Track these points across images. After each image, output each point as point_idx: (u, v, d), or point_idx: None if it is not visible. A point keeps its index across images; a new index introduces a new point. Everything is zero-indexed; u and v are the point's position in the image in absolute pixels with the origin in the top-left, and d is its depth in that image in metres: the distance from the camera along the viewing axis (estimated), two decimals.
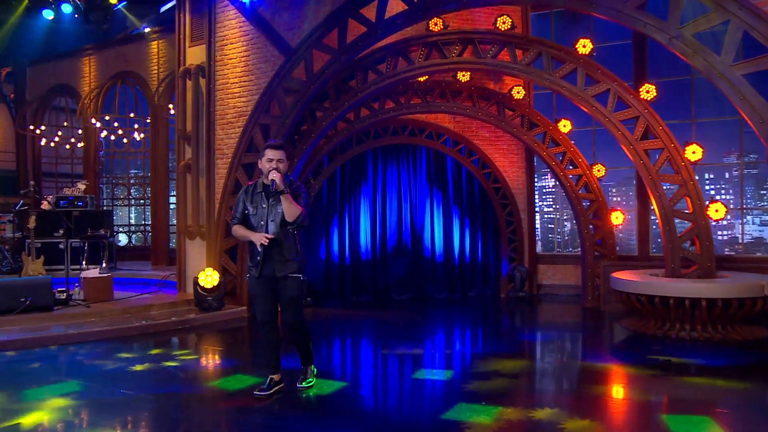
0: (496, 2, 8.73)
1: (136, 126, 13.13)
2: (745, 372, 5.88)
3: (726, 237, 9.97)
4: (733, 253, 9.54)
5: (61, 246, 11.11)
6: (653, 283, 7.42)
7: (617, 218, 9.50)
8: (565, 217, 11.31)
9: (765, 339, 7.10)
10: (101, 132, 13.00)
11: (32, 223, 9.53)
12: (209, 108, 9.37)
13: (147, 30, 13.26)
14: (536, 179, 11.09)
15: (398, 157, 10.79)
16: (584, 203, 9.65)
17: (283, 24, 9.04)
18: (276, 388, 5.01)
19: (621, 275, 7.99)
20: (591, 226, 9.63)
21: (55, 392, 5.18)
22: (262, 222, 4.82)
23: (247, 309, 8.77)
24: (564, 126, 9.77)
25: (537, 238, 11.05)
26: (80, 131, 14.00)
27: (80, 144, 14.02)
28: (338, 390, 5.25)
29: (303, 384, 5.16)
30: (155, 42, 12.92)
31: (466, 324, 8.93)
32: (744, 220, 9.67)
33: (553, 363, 6.60)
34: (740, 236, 9.64)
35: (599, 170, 9.68)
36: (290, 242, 4.84)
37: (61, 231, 11.07)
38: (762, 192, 10.08)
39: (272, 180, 4.70)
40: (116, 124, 12.86)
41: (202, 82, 9.44)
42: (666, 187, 7.92)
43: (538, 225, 11.22)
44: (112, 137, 13.18)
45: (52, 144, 14.20)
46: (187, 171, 9.54)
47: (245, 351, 7.10)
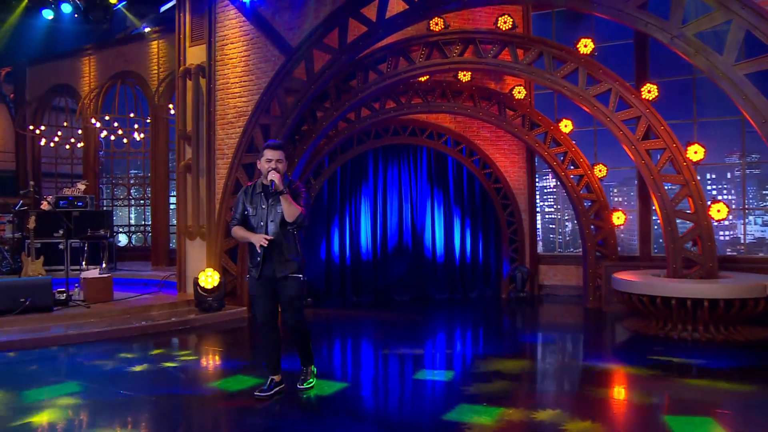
0: (497, 2, 8.70)
1: (136, 126, 13.11)
2: (748, 373, 5.85)
3: (728, 237, 9.93)
4: (735, 254, 9.51)
5: (61, 246, 11.10)
6: (655, 284, 7.40)
7: (619, 218, 9.49)
8: (567, 218, 11.28)
9: (767, 340, 7.07)
10: (101, 132, 12.98)
11: (32, 224, 9.51)
12: (209, 108, 9.36)
13: (147, 30, 13.25)
14: (537, 179, 11.06)
15: (399, 157, 10.77)
16: (585, 203, 9.64)
17: (284, 24, 9.03)
18: (276, 389, 5.01)
19: (623, 276, 7.97)
20: (592, 227, 9.61)
21: (55, 393, 5.17)
22: (262, 222, 4.80)
23: (248, 309, 8.76)
24: (565, 126, 9.75)
25: (538, 239, 11.03)
26: (80, 131, 14.00)
27: (80, 144, 14.02)
28: (339, 391, 5.24)
29: (304, 385, 5.14)
30: (155, 42, 12.91)
31: (467, 324, 8.91)
32: (746, 221, 9.64)
33: (555, 364, 6.58)
34: (742, 236, 9.62)
35: (601, 170, 9.66)
36: (290, 242, 4.82)
37: (61, 231, 11.07)
38: (764, 192, 10.05)
39: (271, 180, 4.68)
40: (116, 124, 12.84)
41: (203, 82, 9.43)
42: (668, 188, 7.90)
43: (539, 225, 11.19)
44: (112, 137, 13.17)
45: (52, 144, 14.20)
46: (188, 171, 9.53)
47: (246, 352, 7.08)
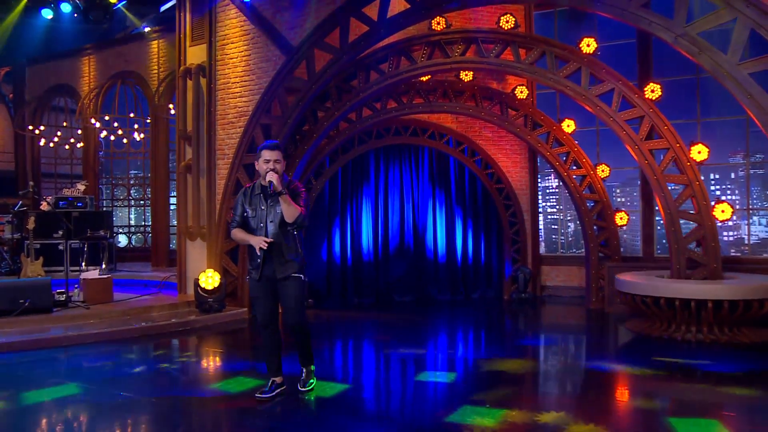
0: (499, 1, 8.66)
1: (136, 126, 13.08)
2: (753, 375, 5.81)
3: (732, 238, 9.90)
4: (740, 254, 9.47)
5: (61, 247, 11.08)
6: (658, 285, 7.35)
7: (622, 219, 9.45)
8: (569, 218, 11.23)
9: None
10: (101, 132, 12.95)
11: (31, 224, 9.47)
12: (210, 108, 9.32)
13: (147, 29, 13.22)
14: (539, 180, 11.02)
15: (400, 158, 10.72)
16: (588, 204, 9.58)
17: (285, 23, 9.00)
18: (278, 391, 4.98)
19: (626, 276, 7.93)
20: (595, 227, 9.57)
21: (55, 395, 5.15)
22: (261, 224, 4.77)
23: (248, 310, 8.73)
24: (568, 126, 9.70)
25: (540, 239, 10.98)
26: (80, 131, 13.98)
27: (80, 144, 14.00)
28: (340, 392, 5.21)
29: (306, 386, 5.10)
30: (155, 41, 12.88)
31: (469, 326, 8.86)
32: (750, 221, 9.59)
33: (558, 365, 6.54)
34: (746, 237, 9.57)
35: (603, 170, 9.62)
36: (290, 243, 4.79)
37: (61, 232, 11.05)
38: None
39: (270, 181, 4.65)
40: (116, 125, 12.81)
41: (203, 82, 9.39)
42: (671, 188, 7.86)
43: (542, 226, 11.15)
44: (112, 137, 13.15)
45: (52, 144, 14.19)
46: (188, 171, 9.50)
47: (246, 353, 7.03)
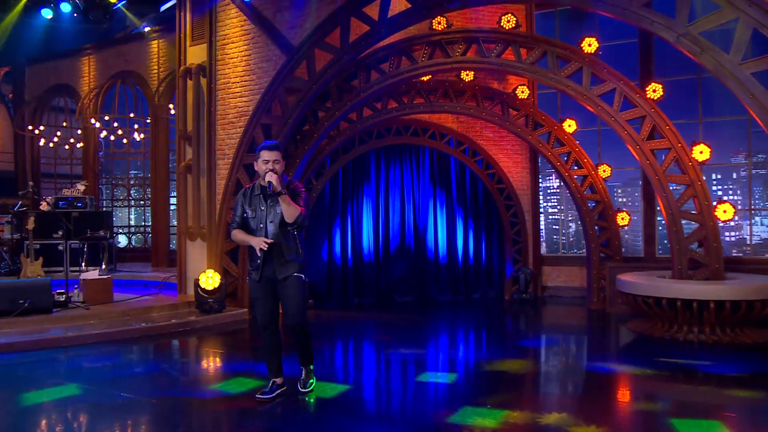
0: (500, 0, 8.64)
1: (136, 126, 13.07)
2: (755, 376, 5.78)
3: (734, 238, 9.88)
4: (741, 255, 9.45)
5: (60, 247, 11.08)
6: (660, 285, 7.33)
7: (623, 219, 9.43)
8: (570, 218, 11.22)
9: None
10: (101, 132, 12.93)
11: (31, 225, 9.44)
12: (210, 108, 9.30)
13: (147, 29, 13.19)
14: (541, 180, 11.00)
15: (401, 158, 10.69)
16: (589, 204, 9.56)
17: (285, 23, 8.97)
18: (278, 392, 4.96)
19: (627, 277, 7.90)
20: (596, 228, 9.54)
21: (55, 395, 5.13)
22: (261, 224, 4.76)
23: (249, 311, 8.70)
24: (569, 126, 9.68)
25: (541, 240, 10.96)
26: (79, 131, 13.97)
27: (79, 144, 13.99)
28: (341, 393, 5.19)
29: (306, 387, 5.07)
30: (155, 41, 12.86)
31: (470, 326, 8.83)
32: (752, 221, 9.57)
33: (559, 366, 6.52)
34: (748, 237, 9.55)
35: (605, 171, 9.59)
36: (290, 243, 4.77)
37: (60, 232, 11.04)
38: None
39: (269, 182, 4.63)
40: (116, 125, 12.80)
41: (203, 82, 9.37)
42: (673, 188, 7.83)
43: (543, 226, 11.13)
44: (112, 137, 13.13)
45: (51, 144, 14.18)
46: (188, 171, 9.47)
47: (247, 354, 7.02)
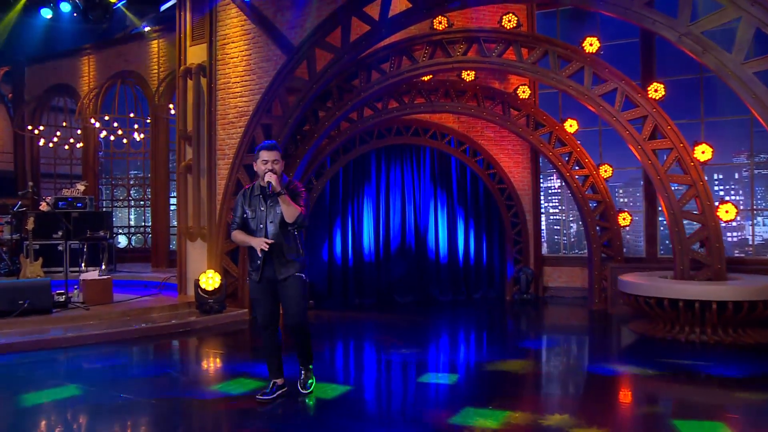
0: (501, 0, 8.61)
1: (136, 126, 13.04)
2: (757, 376, 5.76)
3: (736, 239, 9.86)
4: (743, 255, 9.42)
5: (60, 248, 11.07)
6: (662, 286, 7.30)
7: (624, 219, 9.41)
8: (571, 219, 11.19)
9: None
10: (100, 132, 12.92)
11: (30, 225, 9.41)
12: (210, 108, 9.28)
13: (147, 29, 13.15)
14: (542, 180, 10.97)
15: (402, 158, 10.66)
16: (591, 204, 9.53)
17: (286, 22, 8.95)
18: (279, 393, 4.94)
19: (629, 277, 7.87)
20: (598, 228, 9.51)
21: (54, 396, 5.11)
22: (261, 224, 4.73)
23: (249, 312, 8.68)
24: (570, 126, 9.65)
25: (542, 240, 10.93)
26: (79, 131, 13.96)
27: (79, 144, 13.97)
28: (342, 394, 5.17)
29: (306, 387, 5.05)
30: (155, 41, 12.84)
31: (471, 327, 8.81)
32: (754, 222, 9.55)
33: (561, 367, 6.51)
34: (750, 238, 9.53)
35: (606, 171, 9.56)
36: (291, 243, 4.74)
37: (60, 232, 11.03)
38: None
39: (268, 182, 4.61)
40: (116, 125, 12.77)
41: (203, 82, 9.35)
42: (675, 188, 7.80)
43: (544, 226, 11.09)
44: (112, 138, 13.11)
45: (51, 144, 14.18)
46: (188, 172, 9.45)
47: (247, 354, 6.99)
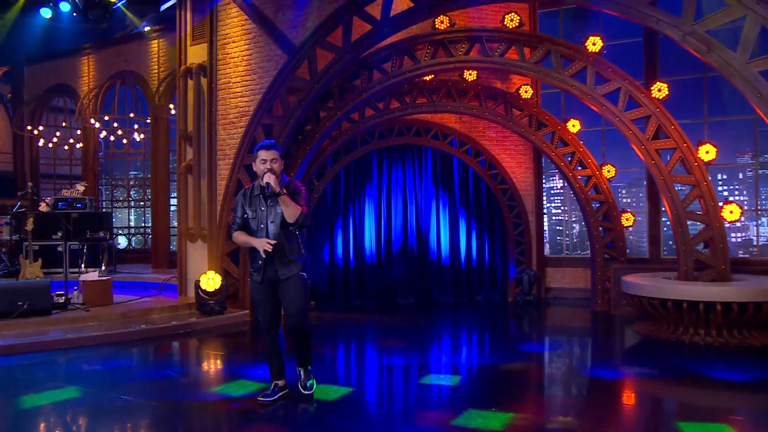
0: None
1: (136, 126, 13.01)
2: (763, 378, 5.72)
3: (740, 239, 9.83)
4: (748, 256, 9.40)
5: (60, 248, 11.05)
6: (666, 287, 7.26)
7: (628, 220, 9.35)
8: (574, 219, 11.15)
9: None
10: (100, 133, 12.88)
11: (30, 225, 9.35)
12: (211, 108, 9.24)
13: (147, 29, 13.12)
14: (544, 180, 10.93)
15: (403, 158, 10.62)
16: (594, 205, 9.49)
17: (286, 22, 8.92)
18: (280, 394, 4.90)
19: (632, 278, 7.82)
20: (601, 228, 9.47)
21: (54, 398, 5.09)
22: (262, 225, 4.69)
23: (250, 313, 8.65)
24: (573, 126, 9.61)
25: (545, 241, 10.88)
26: (79, 132, 13.94)
27: (79, 145, 13.95)
28: (344, 396, 5.14)
29: (307, 387, 4.99)
30: (155, 41, 12.80)
31: (474, 328, 8.77)
32: (759, 222, 9.52)
33: (564, 369, 6.48)
34: (755, 238, 9.51)
35: (609, 171, 9.51)
36: (292, 243, 4.71)
37: (60, 233, 11.01)
38: None
39: (267, 183, 4.57)
40: (116, 125, 12.75)
41: (204, 82, 9.31)
42: (678, 188, 7.76)
43: (546, 227, 11.06)
44: (112, 138, 13.08)
45: (50, 145, 14.15)
46: (189, 172, 9.41)
47: (248, 356, 6.96)
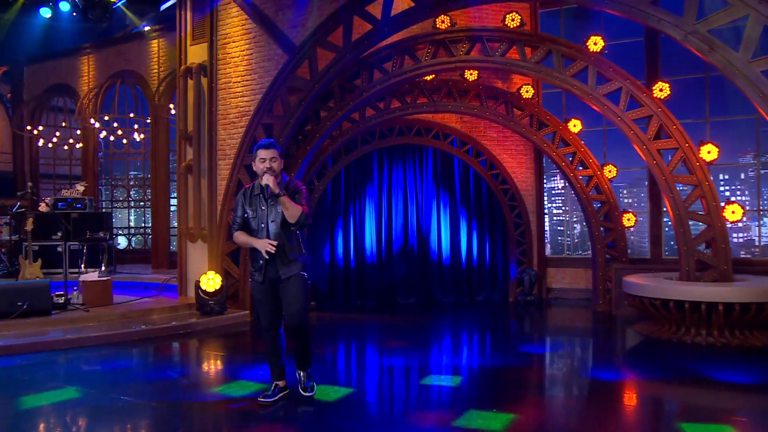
0: None
1: (136, 126, 12.99)
2: (765, 379, 5.69)
3: (742, 239, 9.80)
4: (750, 256, 9.36)
5: (60, 249, 11.03)
6: (667, 287, 7.23)
7: (629, 220, 9.33)
8: (575, 219, 11.12)
9: None
10: (100, 132, 12.87)
11: (29, 226, 9.32)
12: (211, 108, 9.22)
13: (147, 28, 13.10)
14: (545, 180, 10.90)
15: (404, 158, 10.60)
16: (595, 205, 9.47)
17: (287, 21, 8.90)
18: (281, 395, 4.88)
19: (634, 279, 7.80)
20: (602, 229, 9.45)
21: (54, 399, 5.07)
22: (263, 224, 4.67)
23: (250, 313, 8.64)
24: (574, 126, 9.58)
25: (546, 241, 10.84)
26: (79, 132, 13.92)
27: (79, 145, 13.93)
28: (344, 396, 5.12)
29: (308, 390, 4.93)
30: (155, 40, 12.79)
31: (475, 329, 8.75)
32: (761, 222, 9.48)
33: (565, 369, 6.45)
34: (757, 239, 9.47)
35: (610, 171, 9.49)
36: (293, 242, 4.68)
37: (60, 233, 10.99)
38: None
39: (266, 185, 4.55)
40: (115, 125, 12.73)
41: (204, 82, 9.29)
42: (680, 188, 7.75)
43: (547, 227, 11.02)
44: (112, 138, 13.06)
45: (50, 145, 14.14)
46: (189, 172, 9.39)
47: (248, 356, 6.94)
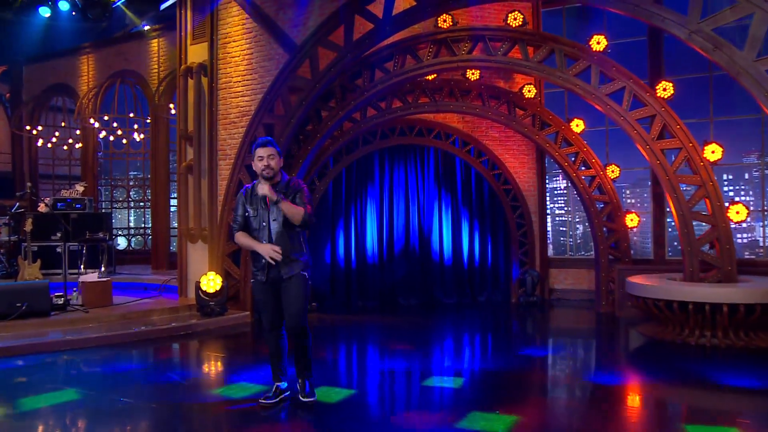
0: None
1: (136, 126, 12.97)
2: None
3: (746, 240, 9.76)
4: (754, 257, 9.33)
5: (59, 249, 11.00)
6: (671, 288, 7.19)
7: (632, 221, 9.28)
8: (578, 220, 11.09)
9: None
10: (100, 132, 12.85)
11: (29, 226, 9.27)
12: (211, 107, 9.18)
13: (147, 28, 13.06)
14: (548, 180, 10.85)
15: (405, 158, 10.56)
16: (598, 205, 9.42)
17: (288, 21, 8.86)
18: (282, 396, 4.84)
19: (637, 279, 7.77)
20: (605, 229, 9.40)
21: (53, 401, 5.05)
22: (264, 223, 4.61)
23: (251, 314, 8.60)
24: (577, 125, 9.54)
25: (548, 242, 10.81)
26: (78, 132, 13.91)
27: (78, 145, 13.92)
28: (346, 398, 5.09)
29: (307, 393, 4.81)
30: (155, 40, 12.77)
31: (477, 330, 8.71)
32: (765, 223, 9.42)
33: (568, 371, 6.42)
34: (761, 239, 9.42)
35: (613, 171, 9.45)
36: (294, 242, 4.63)
37: (59, 234, 10.97)
38: None
39: (263, 195, 4.49)
40: (115, 125, 12.71)
41: (204, 81, 9.25)
42: (684, 188, 7.72)
43: (550, 228, 10.99)
44: (111, 138, 13.05)
45: (49, 145, 14.13)
46: (189, 172, 9.35)
47: (249, 357, 6.91)
